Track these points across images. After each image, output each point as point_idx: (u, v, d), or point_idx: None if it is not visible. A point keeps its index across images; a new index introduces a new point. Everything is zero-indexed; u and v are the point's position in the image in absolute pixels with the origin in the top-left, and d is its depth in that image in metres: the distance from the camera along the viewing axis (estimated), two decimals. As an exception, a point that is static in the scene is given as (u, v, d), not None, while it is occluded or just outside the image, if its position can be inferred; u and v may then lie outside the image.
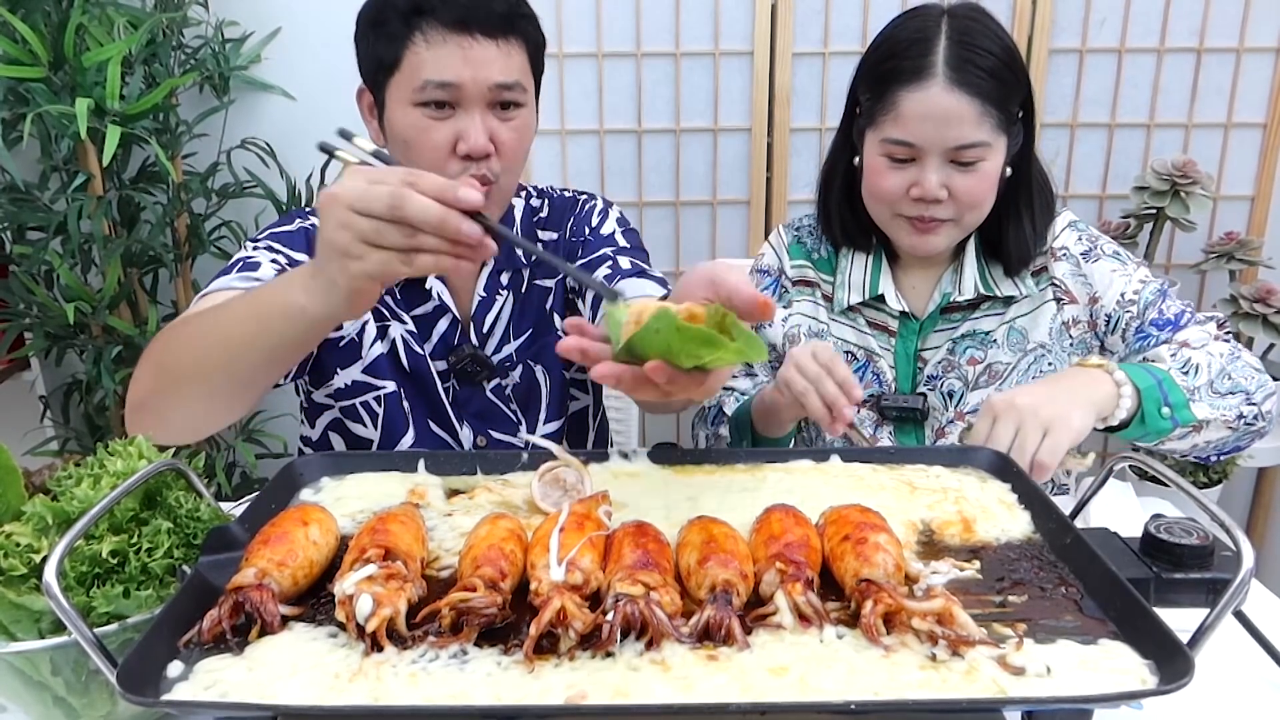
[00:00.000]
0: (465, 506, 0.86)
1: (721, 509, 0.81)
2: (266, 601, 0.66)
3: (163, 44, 2.06)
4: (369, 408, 1.25)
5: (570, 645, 0.63)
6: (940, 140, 1.16)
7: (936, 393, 1.31)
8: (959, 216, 1.21)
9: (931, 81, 1.15)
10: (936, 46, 1.16)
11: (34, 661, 0.69)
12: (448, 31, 1.08)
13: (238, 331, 0.91)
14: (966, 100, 1.14)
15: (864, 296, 1.32)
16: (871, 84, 1.22)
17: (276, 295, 0.88)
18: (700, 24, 2.19)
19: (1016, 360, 1.30)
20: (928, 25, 1.18)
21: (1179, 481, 0.75)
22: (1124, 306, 1.27)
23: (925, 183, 1.18)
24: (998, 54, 1.16)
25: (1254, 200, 2.26)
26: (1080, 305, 1.30)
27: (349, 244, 0.77)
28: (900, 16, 1.24)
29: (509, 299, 1.28)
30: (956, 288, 1.29)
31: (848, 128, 1.31)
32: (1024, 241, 1.27)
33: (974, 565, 0.75)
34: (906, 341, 1.32)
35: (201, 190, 2.15)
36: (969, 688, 0.59)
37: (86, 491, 0.74)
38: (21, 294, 2.03)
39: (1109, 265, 1.29)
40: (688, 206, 2.33)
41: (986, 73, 1.15)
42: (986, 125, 1.16)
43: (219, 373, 0.94)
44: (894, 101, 1.17)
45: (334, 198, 0.77)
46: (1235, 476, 2.18)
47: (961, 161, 1.18)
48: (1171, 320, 1.26)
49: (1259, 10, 2.13)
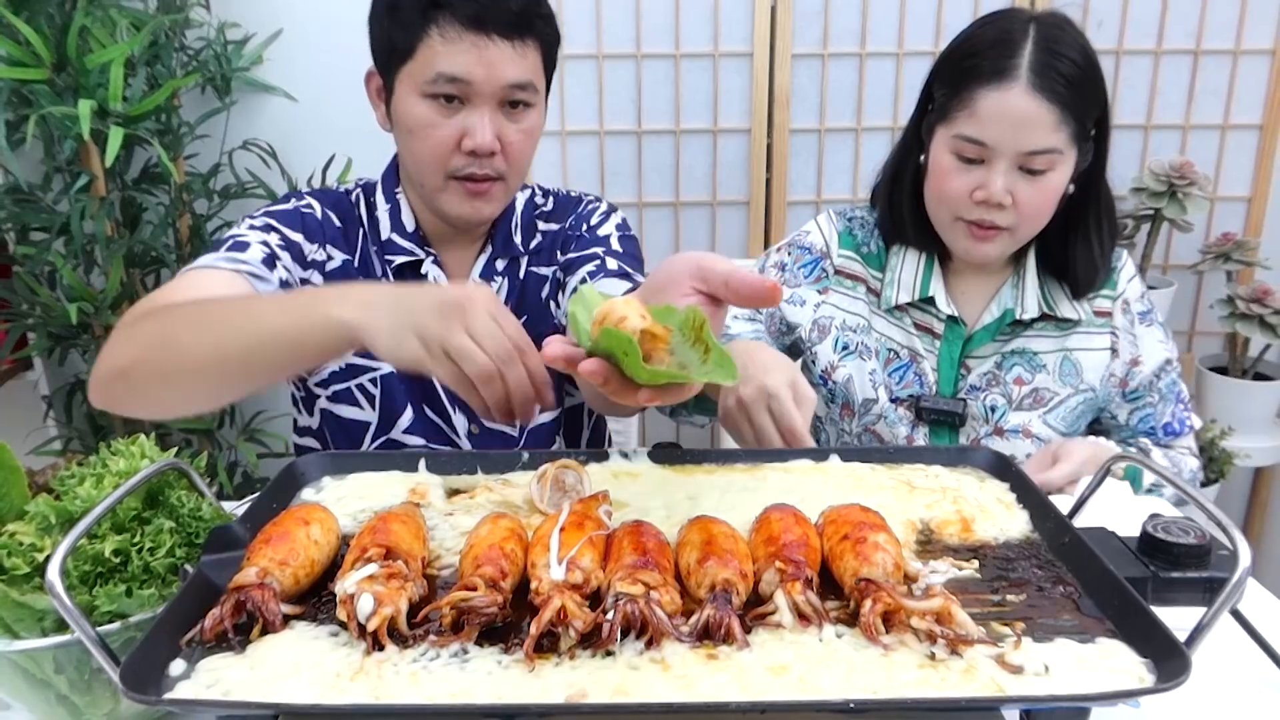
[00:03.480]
0: (466, 506, 0.86)
1: (721, 509, 0.81)
2: (268, 600, 0.66)
3: (165, 46, 2.07)
4: (364, 390, 1.24)
5: (570, 644, 0.63)
6: (1014, 143, 1.15)
7: (979, 404, 1.31)
8: (1016, 226, 1.20)
9: (1013, 83, 1.14)
10: (1022, 49, 1.15)
11: (37, 660, 0.69)
12: (463, 28, 1.07)
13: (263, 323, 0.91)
14: (1046, 106, 1.13)
15: (914, 296, 1.31)
16: (950, 80, 1.20)
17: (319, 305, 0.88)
18: (700, 25, 2.19)
19: (1067, 396, 1.30)
20: (1014, 28, 1.17)
21: (1176, 482, 0.76)
22: (1151, 390, 1.31)
23: (991, 185, 1.17)
24: (1082, 65, 1.15)
25: (1251, 201, 2.26)
26: (1122, 361, 1.31)
27: (450, 338, 0.79)
28: (985, 18, 1.23)
29: (504, 286, 1.28)
30: (1019, 304, 1.28)
31: (917, 125, 1.30)
32: (1092, 263, 1.26)
33: (972, 564, 0.75)
34: (951, 345, 1.31)
35: (203, 191, 2.15)
36: (967, 686, 0.59)
37: (89, 491, 0.75)
38: (25, 294, 2.03)
39: (1157, 334, 1.32)
40: (687, 207, 2.33)
41: (1069, 81, 1.14)
42: (1062, 134, 1.15)
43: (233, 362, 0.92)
44: (971, 99, 1.16)
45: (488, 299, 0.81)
46: (1232, 476, 2.18)
47: (1031, 169, 1.17)
48: (1177, 430, 1.33)
49: (1255, 12, 2.13)
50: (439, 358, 0.80)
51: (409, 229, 1.24)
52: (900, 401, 1.32)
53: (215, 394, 1.01)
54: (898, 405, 1.33)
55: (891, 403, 1.33)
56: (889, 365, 1.34)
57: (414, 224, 1.24)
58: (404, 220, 1.24)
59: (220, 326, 0.94)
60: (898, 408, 1.33)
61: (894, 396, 1.33)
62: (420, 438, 1.26)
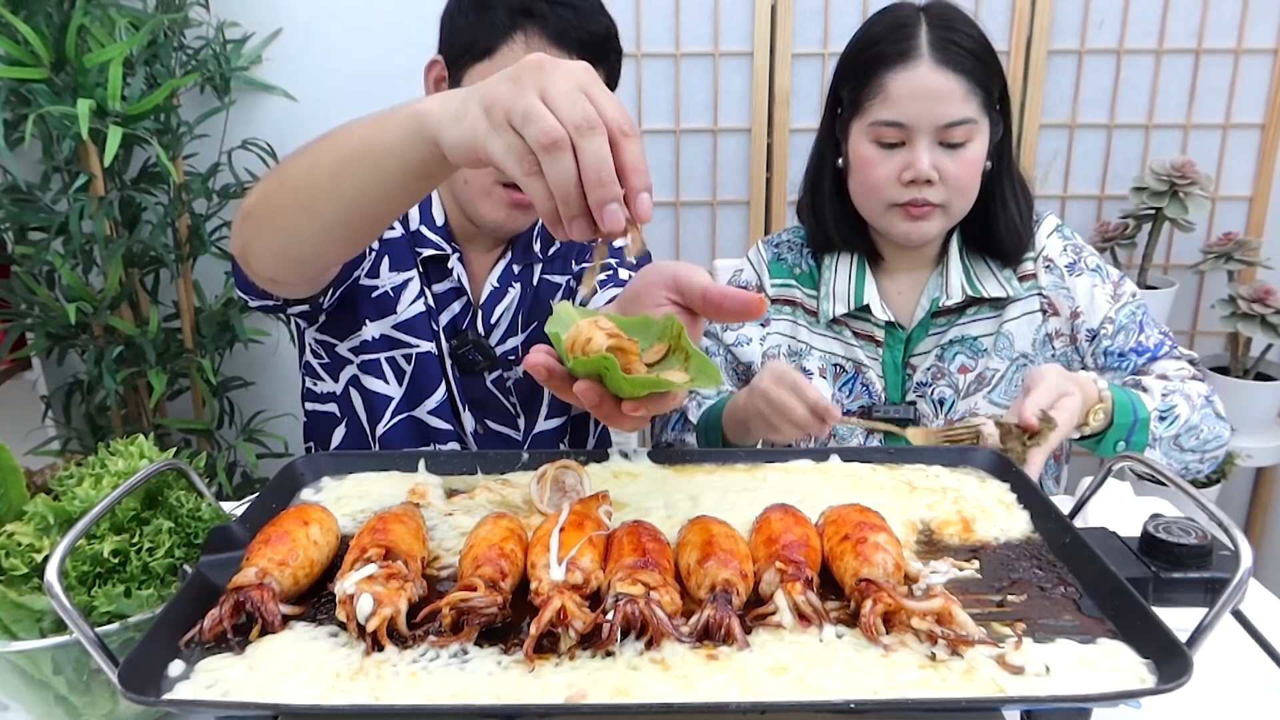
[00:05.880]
0: (465, 506, 0.86)
1: (721, 509, 0.81)
2: (267, 601, 0.66)
3: (164, 45, 2.07)
4: (395, 364, 1.24)
5: (570, 644, 0.63)
6: (930, 118, 1.18)
7: (927, 399, 1.31)
8: (949, 202, 1.23)
9: (918, 61, 1.18)
10: (919, 31, 1.19)
11: (36, 660, 0.69)
12: (548, 42, 1.07)
13: (355, 136, 0.79)
14: (954, 78, 1.17)
15: (849, 307, 1.31)
16: (855, 74, 1.24)
17: (403, 106, 0.75)
18: (700, 24, 2.19)
19: (1005, 368, 1.30)
20: (906, 14, 1.22)
21: (1178, 481, 0.75)
22: (1103, 325, 1.29)
23: (917, 163, 1.19)
24: (976, 37, 1.20)
25: (1252, 201, 2.26)
26: (1063, 318, 1.30)
27: (517, 100, 0.63)
28: (875, 14, 1.26)
29: (519, 292, 1.28)
30: (944, 291, 1.29)
31: (828, 129, 1.32)
32: (1014, 230, 1.28)
33: (973, 565, 0.75)
34: (894, 351, 1.32)
35: (202, 191, 2.15)
36: (968, 687, 0.59)
37: (88, 491, 0.75)
38: (23, 294, 2.03)
39: (1089, 280, 1.30)
40: (688, 207, 2.33)
41: (969, 53, 1.18)
42: (973, 103, 1.19)
43: (323, 183, 0.82)
44: (881, 85, 1.19)
45: (544, 71, 0.64)
46: (1234, 476, 2.18)
47: (950, 143, 1.20)
48: (1151, 350, 1.29)
49: (1257, 11, 2.13)
50: (500, 126, 0.64)
51: (438, 223, 1.24)
52: (852, 414, 1.32)
53: (320, 228, 0.87)
54: (849, 418, 1.33)
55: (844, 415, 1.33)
56: (837, 380, 1.34)
57: (443, 219, 1.24)
58: (434, 214, 1.24)
59: (316, 147, 0.84)
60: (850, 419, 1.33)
61: (845, 410, 1.33)
62: (445, 421, 1.26)
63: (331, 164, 0.80)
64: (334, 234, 0.87)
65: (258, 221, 0.91)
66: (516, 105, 0.63)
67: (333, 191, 0.81)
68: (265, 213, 0.89)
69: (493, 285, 1.26)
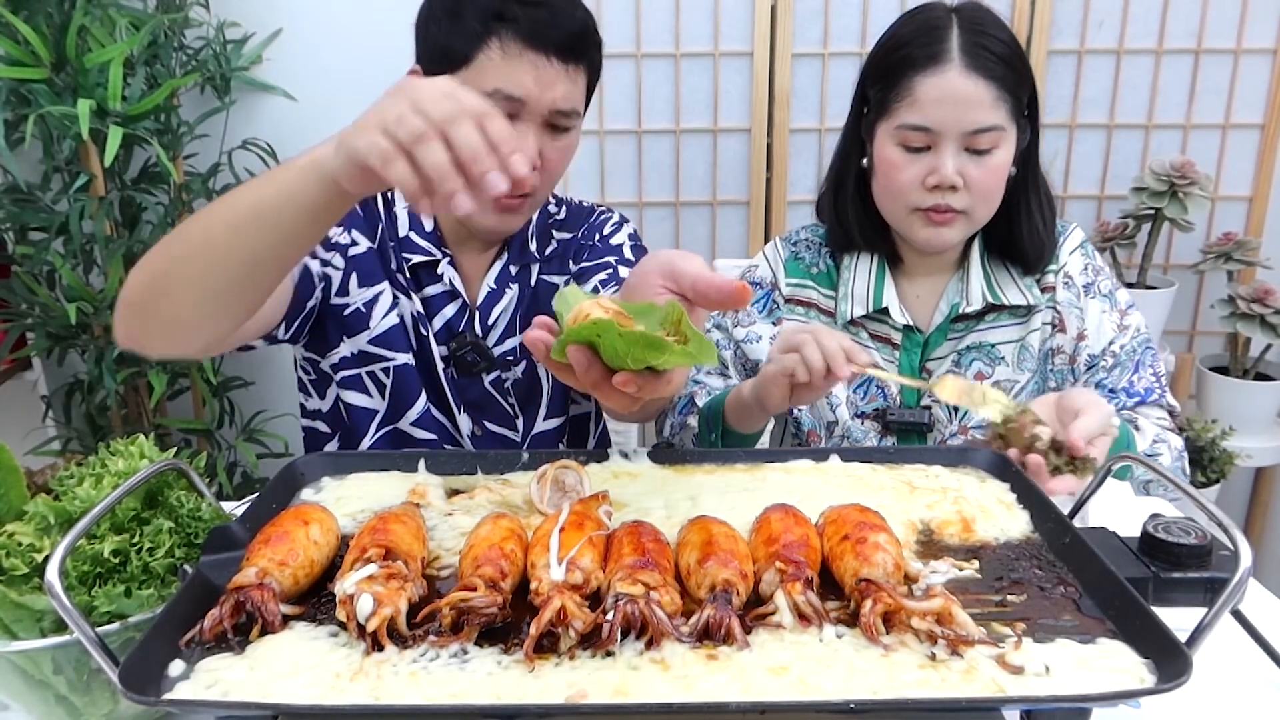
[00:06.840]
0: (465, 506, 0.86)
1: (721, 509, 0.81)
2: (267, 601, 0.66)
3: (164, 45, 2.07)
4: (375, 378, 1.25)
5: (570, 644, 0.63)
6: (958, 123, 1.16)
7: (941, 404, 1.30)
8: (972, 209, 1.21)
9: (948, 65, 1.15)
10: (950, 34, 1.17)
11: (36, 660, 0.69)
12: (524, 45, 1.07)
13: (242, 205, 0.85)
14: (983, 84, 1.15)
15: (867, 309, 1.30)
16: (883, 76, 1.21)
17: (290, 163, 0.83)
18: (700, 24, 2.19)
19: (1026, 380, 1.30)
20: (937, 16, 1.19)
21: (1177, 481, 0.75)
22: (1104, 356, 1.28)
23: (942, 168, 1.17)
24: (1008, 43, 1.18)
25: (1252, 201, 2.26)
26: (1068, 337, 1.30)
27: (388, 111, 0.71)
28: (905, 14, 1.24)
29: (517, 293, 1.28)
30: (964, 297, 1.28)
31: (854, 129, 1.30)
32: (1037, 238, 1.27)
33: (973, 565, 0.75)
34: (910, 355, 1.31)
35: (203, 191, 2.15)
36: (968, 687, 0.59)
37: (88, 491, 0.75)
38: (24, 294, 2.03)
39: (1100, 306, 1.29)
40: (687, 207, 2.33)
41: (999, 59, 1.16)
42: (1002, 110, 1.17)
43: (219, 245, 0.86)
44: (909, 88, 1.17)
45: (414, 87, 0.73)
46: (1233, 476, 2.18)
47: (977, 149, 1.18)
48: (1141, 395, 1.28)
49: (1256, 12, 2.13)
50: (375, 135, 0.71)
51: (427, 229, 1.24)
52: (865, 416, 1.32)
53: (218, 297, 0.90)
54: (863, 420, 1.32)
55: (856, 418, 1.33)
56: (852, 381, 1.33)
57: (432, 224, 1.24)
58: (423, 220, 1.24)
59: (204, 217, 0.88)
60: (863, 422, 1.32)
61: (859, 412, 1.33)
62: (428, 431, 1.27)
63: (226, 227, 0.85)
64: (232, 293, 0.91)
65: (147, 309, 0.93)
66: (388, 115, 0.71)
67: (234, 246, 0.85)
68: (153, 293, 0.91)
69: (489, 287, 1.26)
